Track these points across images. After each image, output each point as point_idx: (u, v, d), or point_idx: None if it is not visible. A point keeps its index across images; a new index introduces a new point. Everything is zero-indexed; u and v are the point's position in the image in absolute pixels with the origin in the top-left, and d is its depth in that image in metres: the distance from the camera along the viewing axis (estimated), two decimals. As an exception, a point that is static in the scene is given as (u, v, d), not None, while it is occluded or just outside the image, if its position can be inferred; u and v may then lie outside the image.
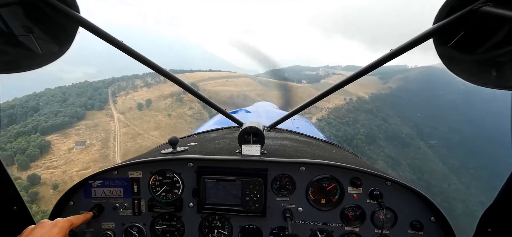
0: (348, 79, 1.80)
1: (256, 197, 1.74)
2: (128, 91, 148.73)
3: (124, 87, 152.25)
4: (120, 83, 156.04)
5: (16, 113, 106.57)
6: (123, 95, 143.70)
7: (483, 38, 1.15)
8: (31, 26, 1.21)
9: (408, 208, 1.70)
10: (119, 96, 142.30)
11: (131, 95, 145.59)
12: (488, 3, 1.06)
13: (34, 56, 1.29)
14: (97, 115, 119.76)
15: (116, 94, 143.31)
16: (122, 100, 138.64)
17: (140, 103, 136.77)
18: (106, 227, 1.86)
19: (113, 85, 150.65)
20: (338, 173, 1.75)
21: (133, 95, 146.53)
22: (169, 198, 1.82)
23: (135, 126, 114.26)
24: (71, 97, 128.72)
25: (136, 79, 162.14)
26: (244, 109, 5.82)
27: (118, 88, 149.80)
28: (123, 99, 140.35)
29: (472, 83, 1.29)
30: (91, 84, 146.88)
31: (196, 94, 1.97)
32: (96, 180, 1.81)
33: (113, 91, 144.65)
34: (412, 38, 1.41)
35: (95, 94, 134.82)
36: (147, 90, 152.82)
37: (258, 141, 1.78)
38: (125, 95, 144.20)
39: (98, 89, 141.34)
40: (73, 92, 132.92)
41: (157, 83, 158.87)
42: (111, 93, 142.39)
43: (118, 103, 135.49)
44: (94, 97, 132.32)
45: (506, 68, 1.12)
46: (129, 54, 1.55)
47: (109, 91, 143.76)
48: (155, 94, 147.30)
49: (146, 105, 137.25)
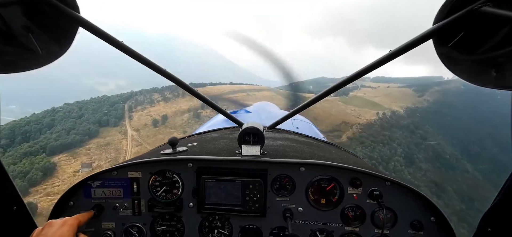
0: (348, 79, 1.79)
1: (256, 197, 1.75)
2: (145, 106, 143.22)
3: (141, 102, 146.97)
4: (138, 97, 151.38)
5: (31, 130, 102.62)
6: (140, 111, 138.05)
7: (483, 38, 1.15)
8: (31, 26, 1.21)
9: (408, 208, 1.71)
10: (136, 112, 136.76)
11: (147, 111, 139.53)
12: (488, 3, 1.06)
13: (34, 56, 1.29)
14: (110, 133, 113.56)
15: (132, 110, 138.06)
16: (138, 116, 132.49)
17: (155, 120, 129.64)
18: (106, 227, 1.86)
19: (131, 100, 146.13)
20: (338, 173, 1.76)
21: (149, 110, 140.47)
22: (169, 198, 1.83)
23: (148, 144, 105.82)
24: (87, 112, 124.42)
25: (154, 93, 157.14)
26: (244, 110, 5.85)
27: (135, 103, 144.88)
28: (139, 115, 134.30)
29: (472, 83, 1.30)
30: (109, 99, 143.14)
31: (196, 94, 1.98)
32: (95, 180, 1.81)
33: (130, 107, 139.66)
34: (412, 38, 1.41)
35: (111, 110, 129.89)
36: (164, 105, 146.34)
37: (258, 141, 1.78)
38: (142, 111, 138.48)
39: (115, 104, 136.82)
40: (90, 107, 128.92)
41: (175, 97, 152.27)
42: (127, 109, 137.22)
43: (134, 119, 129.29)
44: (110, 113, 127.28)
45: (506, 68, 1.12)
46: (129, 54, 1.56)
47: (126, 106, 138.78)
48: (172, 109, 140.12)
49: (162, 122, 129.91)
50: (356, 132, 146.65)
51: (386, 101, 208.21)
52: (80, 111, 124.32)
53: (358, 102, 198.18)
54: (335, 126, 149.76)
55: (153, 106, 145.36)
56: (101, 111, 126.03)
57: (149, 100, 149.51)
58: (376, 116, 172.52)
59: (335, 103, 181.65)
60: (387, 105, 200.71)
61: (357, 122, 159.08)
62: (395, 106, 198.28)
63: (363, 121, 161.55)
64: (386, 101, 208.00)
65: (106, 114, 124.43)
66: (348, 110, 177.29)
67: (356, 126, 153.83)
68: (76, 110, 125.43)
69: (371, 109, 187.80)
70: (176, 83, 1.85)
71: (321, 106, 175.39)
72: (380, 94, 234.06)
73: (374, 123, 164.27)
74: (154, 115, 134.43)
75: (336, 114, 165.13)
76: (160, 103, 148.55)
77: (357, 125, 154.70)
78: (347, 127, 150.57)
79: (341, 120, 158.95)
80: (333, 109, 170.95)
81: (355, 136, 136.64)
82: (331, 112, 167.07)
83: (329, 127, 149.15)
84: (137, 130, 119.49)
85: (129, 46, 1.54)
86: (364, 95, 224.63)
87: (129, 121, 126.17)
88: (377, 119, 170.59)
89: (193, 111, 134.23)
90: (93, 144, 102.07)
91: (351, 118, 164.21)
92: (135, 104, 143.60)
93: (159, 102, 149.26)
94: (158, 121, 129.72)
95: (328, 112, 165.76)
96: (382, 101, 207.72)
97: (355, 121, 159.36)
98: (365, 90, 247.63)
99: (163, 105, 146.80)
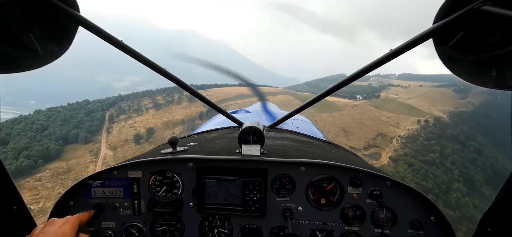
0: (349, 79, 1.78)
1: (256, 196, 1.76)
2: (130, 115, 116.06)
3: (127, 109, 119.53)
4: (124, 103, 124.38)
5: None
6: (123, 121, 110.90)
7: (483, 38, 1.14)
8: (31, 26, 1.21)
9: (408, 208, 1.72)
10: (118, 122, 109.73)
11: (132, 121, 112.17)
12: (488, 3, 1.05)
13: (34, 56, 1.29)
14: (77, 153, 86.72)
15: (114, 119, 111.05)
16: (119, 129, 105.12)
17: (139, 135, 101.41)
18: (106, 226, 1.87)
19: (115, 107, 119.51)
20: (338, 173, 1.76)
21: (135, 120, 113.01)
22: (169, 198, 1.84)
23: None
24: (55, 124, 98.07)
25: (144, 98, 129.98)
26: (244, 110, 5.88)
27: (119, 110, 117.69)
28: (121, 127, 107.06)
29: (472, 83, 1.29)
30: (87, 105, 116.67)
31: (196, 94, 1.99)
32: (96, 180, 1.82)
33: (112, 116, 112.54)
34: (412, 38, 1.41)
35: (85, 120, 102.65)
36: (154, 114, 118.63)
37: (258, 140, 1.79)
38: (125, 121, 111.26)
39: (92, 113, 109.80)
40: (60, 118, 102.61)
41: (169, 103, 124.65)
42: (108, 118, 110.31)
43: (113, 133, 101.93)
44: (83, 124, 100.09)
45: (506, 68, 1.12)
46: (128, 53, 1.58)
47: (107, 115, 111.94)
48: (163, 119, 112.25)
49: (147, 137, 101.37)
50: (398, 147, 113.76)
51: (424, 105, 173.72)
52: (47, 122, 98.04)
53: (392, 107, 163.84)
54: (370, 140, 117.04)
55: (140, 115, 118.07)
56: (72, 122, 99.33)
57: (137, 107, 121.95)
58: (417, 125, 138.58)
59: (366, 110, 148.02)
60: (426, 109, 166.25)
61: (397, 133, 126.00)
62: (436, 111, 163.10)
63: (404, 132, 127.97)
64: (423, 105, 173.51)
65: (78, 127, 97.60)
66: (383, 117, 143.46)
67: (397, 139, 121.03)
68: (42, 120, 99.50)
69: (409, 116, 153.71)
70: (176, 82, 1.84)
71: (350, 114, 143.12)
72: (414, 95, 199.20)
73: (417, 134, 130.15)
74: (139, 127, 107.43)
75: (370, 124, 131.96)
76: (149, 111, 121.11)
77: (398, 138, 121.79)
78: (385, 140, 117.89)
79: (376, 131, 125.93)
80: (365, 118, 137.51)
81: (399, 155, 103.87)
82: (363, 121, 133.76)
83: (362, 141, 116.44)
84: (113, 149, 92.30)
85: (129, 46, 1.55)
86: (397, 97, 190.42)
87: (107, 135, 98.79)
88: (420, 128, 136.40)
89: (188, 123, 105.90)
90: (49, 171, 75.15)
91: (389, 128, 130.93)
92: (118, 112, 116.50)
93: (148, 110, 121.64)
94: (142, 136, 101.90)
95: (359, 122, 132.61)
96: (419, 105, 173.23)
97: (393, 132, 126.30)
98: (396, 91, 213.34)
99: (152, 114, 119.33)
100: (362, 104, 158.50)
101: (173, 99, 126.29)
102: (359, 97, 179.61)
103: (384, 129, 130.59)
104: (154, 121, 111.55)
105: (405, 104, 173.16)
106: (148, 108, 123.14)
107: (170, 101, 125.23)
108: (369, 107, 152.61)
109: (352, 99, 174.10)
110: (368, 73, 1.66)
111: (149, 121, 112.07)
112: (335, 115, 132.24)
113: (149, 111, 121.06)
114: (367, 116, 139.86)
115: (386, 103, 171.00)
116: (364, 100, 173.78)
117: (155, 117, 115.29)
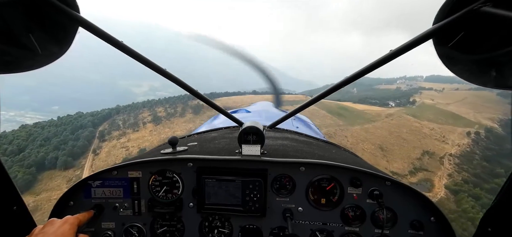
0: (349, 79, 1.78)
1: (256, 197, 1.76)
2: (124, 131, 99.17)
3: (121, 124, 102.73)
4: (120, 116, 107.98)
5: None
6: (115, 139, 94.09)
7: (483, 38, 1.15)
8: (31, 26, 1.21)
9: (408, 208, 1.72)
10: (109, 140, 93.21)
11: (125, 139, 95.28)
12: (488, 3, 1.06)
13: (34, 56, 1.29)
14: (53, 183, 70.33)
15: (105, 137, 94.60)
16: (109, 149, 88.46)
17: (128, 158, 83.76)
18: (106, 227, 1.87)
19: (109, 120, 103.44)
20: (338, 173, 1.77)
21: (129, 137, 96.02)
22: (169, 198, 1.84)
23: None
24: (33, 144, 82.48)
25: (144, 109, 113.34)
26: (244, 109, 5.90)
27: (112, 125, 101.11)
28: (111, 146, 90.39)
29: (472, 83, 1.30)
30: (79, 119, 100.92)
31: (196, 94, 1.99)
32: (95, 180, 1.82)
33: (103, 132, 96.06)
34: (412, 38, 1.42)
35: (69, 139, 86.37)
36: (152, 129, 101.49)
37: (258, 140, 1.80)
38: (117, 139, 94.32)
39: (79, 128, 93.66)
40: (42, 136, 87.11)
41: (170, 116, 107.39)
42: (98, 135, 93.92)
43: (100, 155, 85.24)
44: (66, 144, 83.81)
45: (506, 68, 1.12)
46: (129, 54, 1.59)
47: (98, 131, 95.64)
48: (161, 136, 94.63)
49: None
50: (453, 170, 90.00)
51: (468, 112, 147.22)
52: (25, 142, 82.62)
53: (432, 115, 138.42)
54: (415, 161, 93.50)
55: (136, 131, 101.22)
56: (53, 142, 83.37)
57: (133, 121, 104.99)
58: (467, 138, 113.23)
59: (404, 120, 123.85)
60: (472, 117, 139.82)
61: (446, 150, 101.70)
62: (484, 120, 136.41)
63: (455, 149, 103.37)
64: (467, 112, 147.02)
65: (58, 148, 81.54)
66: (425, 129, 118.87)
67: (448, 159, 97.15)
68: (22, 138, 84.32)
69: (455, 126, 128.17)
70: (176, 82, 1.85)
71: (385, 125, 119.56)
72: (452, 100, 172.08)
73: (471, 150, 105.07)
74: (132, 147, 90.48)
75: (411, 138, 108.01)
76: (147, 126, 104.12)
77: (449, 157, 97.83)
78: (434, 160, 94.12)
79: (420, 147, 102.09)
80: (403, 130, 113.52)
81: (457, 183, 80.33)
82: (402, 135, 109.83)
83: (406, 162, 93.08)
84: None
85: (130, 46, 1.55)
86: (434, 103, 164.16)
87: (93, 158, 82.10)
88: (471, 142, 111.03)
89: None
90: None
91: (434, 144, 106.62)
92: (110, 128, 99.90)
93: (146, 125, 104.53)
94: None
95: (397, 136, 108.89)
96: (462, 112, 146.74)
97: (441, 149, 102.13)
98: (429, 95, 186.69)
99: (150, 129, 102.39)
100: (397, 113, 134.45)
101: (175, 111, 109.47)
102: (392, 104, 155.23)
103: (429, 144, 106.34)
104: (151, 139, 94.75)
105: (446, 111, 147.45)
106: (146, 123, 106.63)
107: (172, 113, 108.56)
108: (406, 117, 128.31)
109: (383, 106, 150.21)
110: (368, 73, 1.66)
111: (145, 139, 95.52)
112: (368, 128, 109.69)
113: (147, 126, 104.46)
114: (406, 129, 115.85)
115: (424, 110, 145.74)
116: (398, 107, 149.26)
117: (153, 134, 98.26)
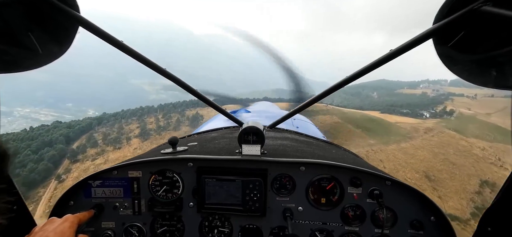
0: (349, 79, 1.78)
1: (256, 196, 1.76)
2: (103, 148, 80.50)
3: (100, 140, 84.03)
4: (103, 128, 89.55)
5: None
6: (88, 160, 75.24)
7: (483, 38, 1.15)
8: (31, 26, 1.21)
9: (408, 208, 1.72)
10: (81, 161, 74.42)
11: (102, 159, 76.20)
12: (488, 3, 1.06)
13: (34, 55, 1.29)
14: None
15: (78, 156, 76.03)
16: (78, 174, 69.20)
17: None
18: (106, 226, 1.87)
19: (87, 134, 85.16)
20: (338, 173, 1.77)
21: (107, 157, 77.13)
22: (169, 198, 1.84)
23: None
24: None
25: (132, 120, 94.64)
26: (244, 109, 5.94)
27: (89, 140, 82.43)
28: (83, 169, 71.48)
29: (472, 83, 1.30)
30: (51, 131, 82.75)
31: (196, 93, 1.99)
32: (96, 180, 1.82)
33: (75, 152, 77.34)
34: (412, 38, 1.42)
35: (28, 161, 67.63)
36: (137, 146, 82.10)
37: (258, 140, 1.80)
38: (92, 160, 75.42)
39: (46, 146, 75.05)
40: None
41: (162, 130, 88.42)
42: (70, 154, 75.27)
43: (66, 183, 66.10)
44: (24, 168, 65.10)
45: (506, 68, 1.13)
46: (128, 54, 1.60)
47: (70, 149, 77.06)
48: (146, 157, 75.82)
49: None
50: None
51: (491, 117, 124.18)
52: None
53: (476, 130, 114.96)
54: (475, 195, 71.40)
55: (117, 149, 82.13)
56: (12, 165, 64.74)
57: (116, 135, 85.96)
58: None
59: (446, 136, 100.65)
60: (502, 123, 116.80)
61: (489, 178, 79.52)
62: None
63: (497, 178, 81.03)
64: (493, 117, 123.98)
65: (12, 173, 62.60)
66: (475, 149, 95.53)
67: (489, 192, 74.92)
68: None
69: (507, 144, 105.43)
70: (175, 82, 1.85)
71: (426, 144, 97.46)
72: (492, 109, 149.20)
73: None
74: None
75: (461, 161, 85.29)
76: (131, 142, 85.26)
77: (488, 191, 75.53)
78: (481, 199, 72.41)
79: (476, 175, 79.61)
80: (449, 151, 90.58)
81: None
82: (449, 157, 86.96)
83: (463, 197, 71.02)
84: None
85: (130, 46, 1.55)
86: (473, 113, 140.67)
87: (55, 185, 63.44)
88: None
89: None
90: None
91: (491, 170, 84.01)
92: (86, 144, 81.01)
93: (130, 141, 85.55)
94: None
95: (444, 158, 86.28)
96: (508, 125, 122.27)
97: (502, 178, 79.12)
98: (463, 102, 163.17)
99: (135, 146, 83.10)
100: (436, 126, 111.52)
101: (168, 123, 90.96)
102: (426, 114, 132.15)
103: (485, 170, 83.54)
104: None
105: (490, 124, 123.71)
106: (130, 138, 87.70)
107: (164, 127, 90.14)
108: (448, 132, 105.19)
109: (417, 117, 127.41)
110: (368, 73, 1.64)
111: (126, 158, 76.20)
112: (406, 148, 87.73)
113: (131, 142, 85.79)
114: (452, 149, 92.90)
115: (465, 123, 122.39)
116: (434, 119, 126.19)
117: (137, 152, 79.10)
